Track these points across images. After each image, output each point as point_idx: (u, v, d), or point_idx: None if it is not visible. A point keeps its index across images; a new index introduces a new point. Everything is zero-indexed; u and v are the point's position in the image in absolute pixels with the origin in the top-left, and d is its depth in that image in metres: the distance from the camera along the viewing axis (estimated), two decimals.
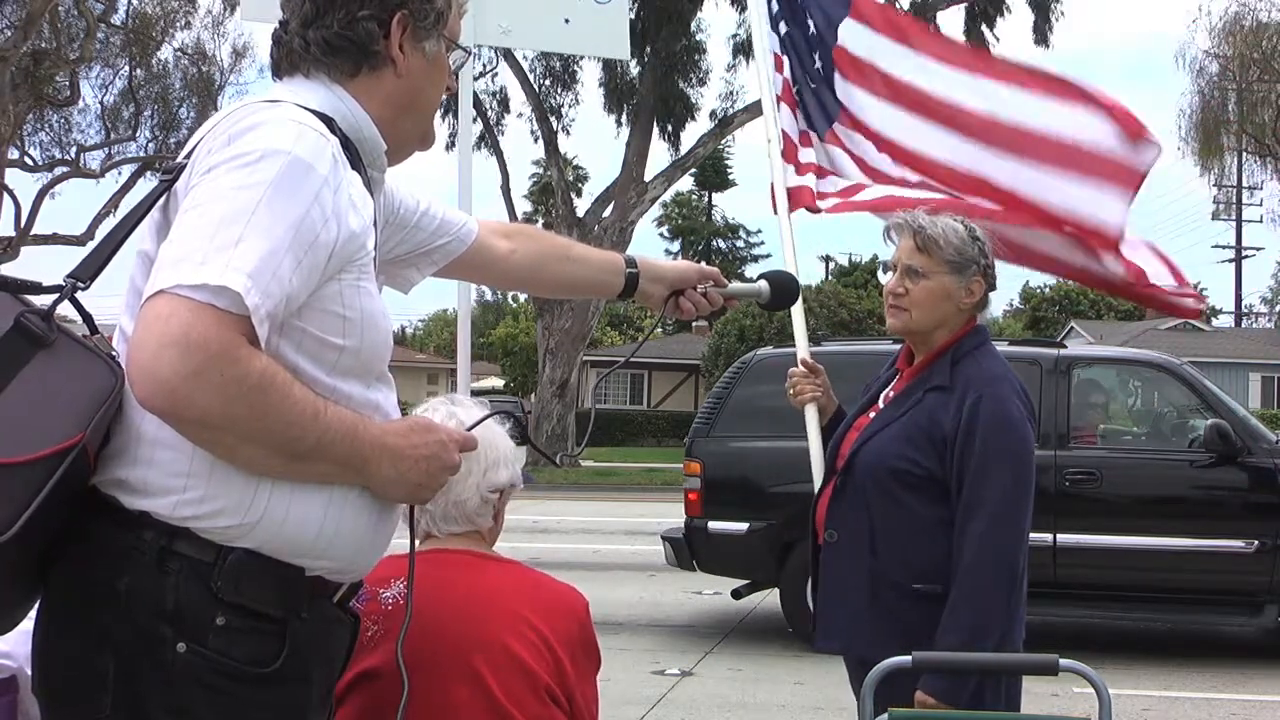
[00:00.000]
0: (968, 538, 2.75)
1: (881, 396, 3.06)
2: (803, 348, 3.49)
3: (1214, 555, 7.62)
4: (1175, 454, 8.09)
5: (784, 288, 2.58)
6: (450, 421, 2.06)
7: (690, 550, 8.31)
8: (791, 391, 3.33)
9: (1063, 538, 7.61)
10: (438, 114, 1.97)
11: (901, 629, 2.77)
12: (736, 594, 8.62)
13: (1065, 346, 8.81)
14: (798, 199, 3.88)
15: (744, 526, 8.02)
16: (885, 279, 3.05)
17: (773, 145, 3.87)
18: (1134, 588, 7.74)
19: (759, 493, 8.04)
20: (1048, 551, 7.55)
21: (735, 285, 2.52)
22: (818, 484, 3.15)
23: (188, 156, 1.66)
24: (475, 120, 28.72)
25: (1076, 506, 7.67)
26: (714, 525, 8.15)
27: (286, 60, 1.80)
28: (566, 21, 3.98)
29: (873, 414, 3.02)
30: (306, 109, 1.69)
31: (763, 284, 2.57)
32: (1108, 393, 9.20)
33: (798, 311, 3.49)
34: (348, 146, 1.73)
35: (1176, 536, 7.63)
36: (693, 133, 29.24)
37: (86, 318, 1.69)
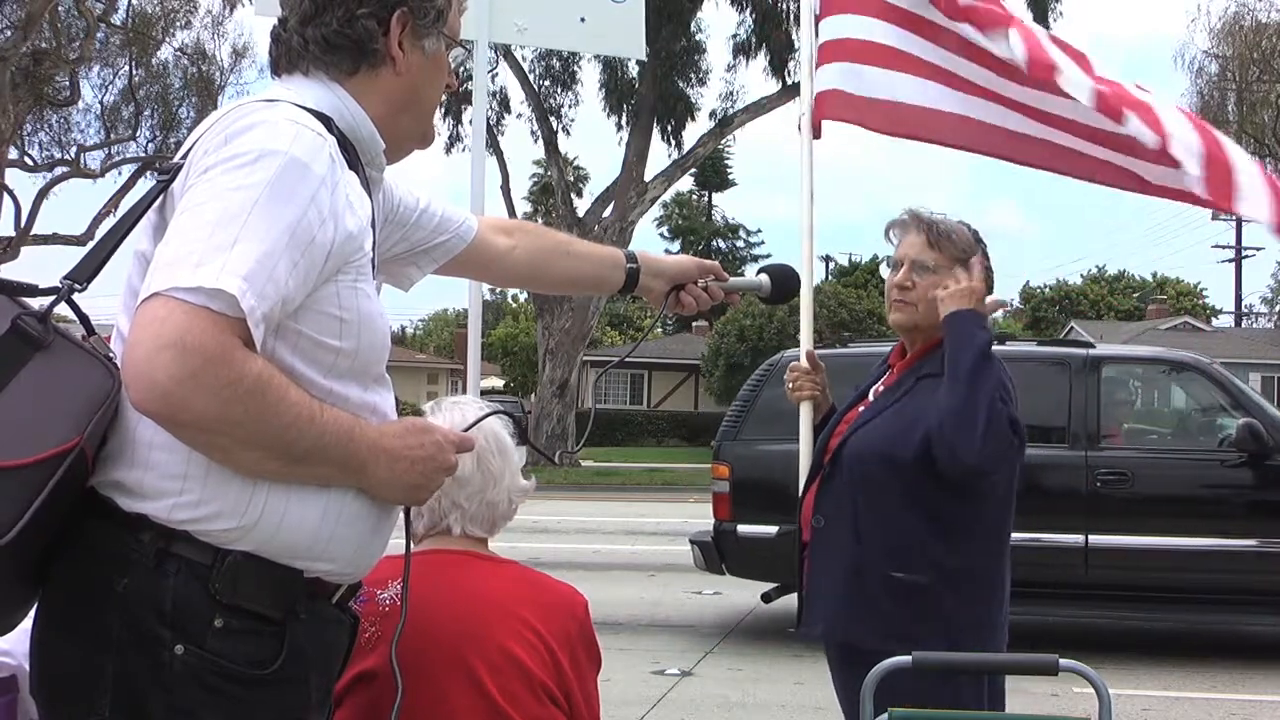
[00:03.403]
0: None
1: (871, 391, 3.07)
2: (807, 341, 3.48)
3: (1246, 555, 7.58)
4: (1206, 454, 8.07)
5: (784, 281, 2.58)
6: (448, 423, 2.06)
7: (719, 554, 8.22)
8: (790, 386, 3.33)
9: (1094, 539, 7.59)
10: (437, 113, 1.96)
11: (881, 616, 2.79)
12: (766, 598, 8.50)
13: (1094, 346, 8.76)
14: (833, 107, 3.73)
15: (774, 530, 7.86)
16: (888, 275, 3.04)
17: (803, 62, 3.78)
18: (1165, 589, 7.67)
19: (788, 495, 7.98)
20: (1079, 553, 7.55)
21: (736, 279, 2.52)
22: (803, 481, 3.15)
23: (184, 156, 1.66)
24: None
25: (1107, 507, 7.64)
26: (743, 529, 8.05)
27: (285, 58, 1.79)
28: (582, 20, 3.98)
29: (862, 408, 3.03)
30: (304, 108, 1.68)
31: (763, 278, 2.57)
32: (1138, 392, 9.16)
33: (805, 305, 3.47)
34: (345, 145, 1.73)
35: (1208, 536, 7.59)
36: (693, 133, 29.30)
37: (83, 319, 1.68)
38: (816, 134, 3.76)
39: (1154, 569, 7.65)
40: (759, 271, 2.59)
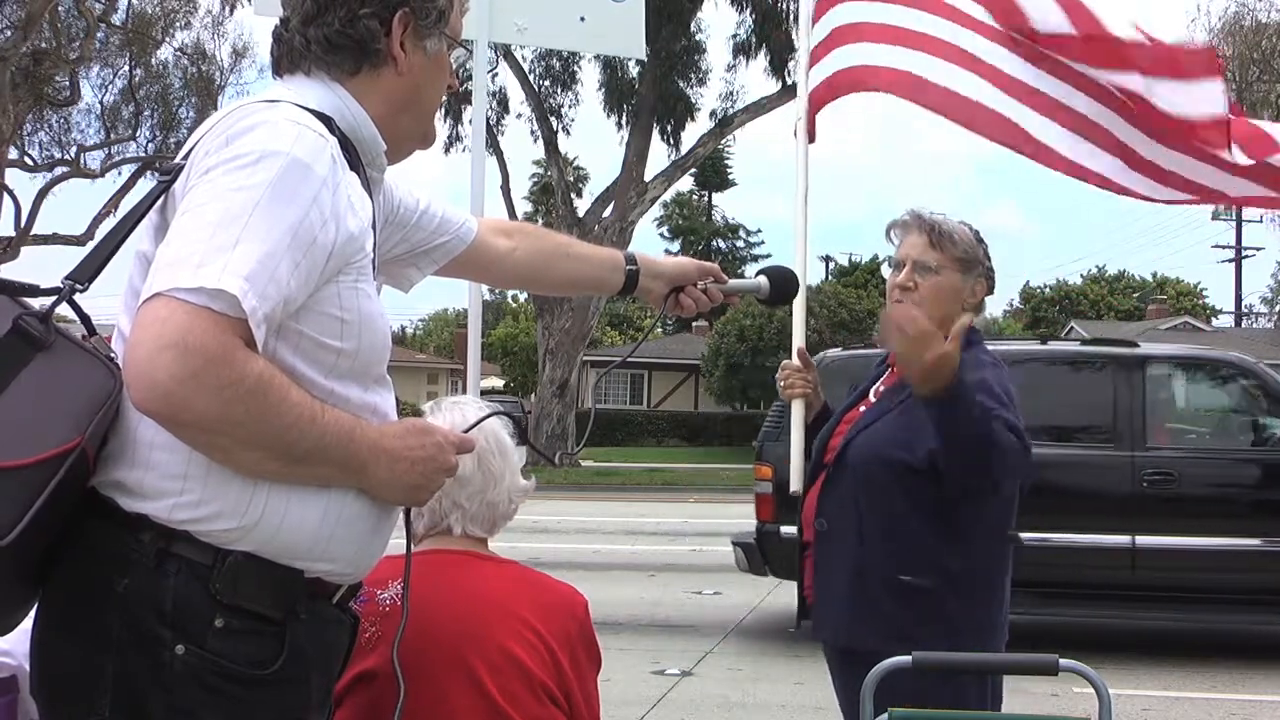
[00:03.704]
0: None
1: (871, 391, 3.06)
2: (799, 339, 3.48)
3: None
4: (1253, 453, 8.07)
5: (784, 283, 2.58)
6: (448, 423, 2.06)
7: (762, 555, 8.19)
8: (782, 384, 3.33)
9: (1141, 540, 7.58)
10: (437, 113, 1.97)
11: (886, 619, 2.78)
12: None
13: (1138, 345, 8.74)
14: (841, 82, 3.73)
15: None
16: (889, 275, 3.04)
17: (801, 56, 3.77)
18: (1213, 590, 7.64)
19: None
20: (1126, 554, 7.56)
21: (735, 281, 2.52)
22: (796, 481, 3.14)
23: (186, 157, 1.66)
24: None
25: (1154, 508, 7.63)
26: (786, 530, 8.03)
27: (287, 58, 1.79)
28: (582, 19, 3.98)
29: (863, 408, 3.02)
30: (305, 108, 1.68)
31: (762, 279, 2.56)
32: (1183, 392, 9.13)
33: (799, 305, 3.47)
34: (346, 146, 1.73)
35: (1254, 537, 7.57)
36: (693, 133, 29.33)
37: (84, 319, 1.68)
38: (811, 138, 3.77)
39: (1200, 570, 7.62)
40: (758, 273, 2.59)
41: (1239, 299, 51.55)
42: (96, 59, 29.84)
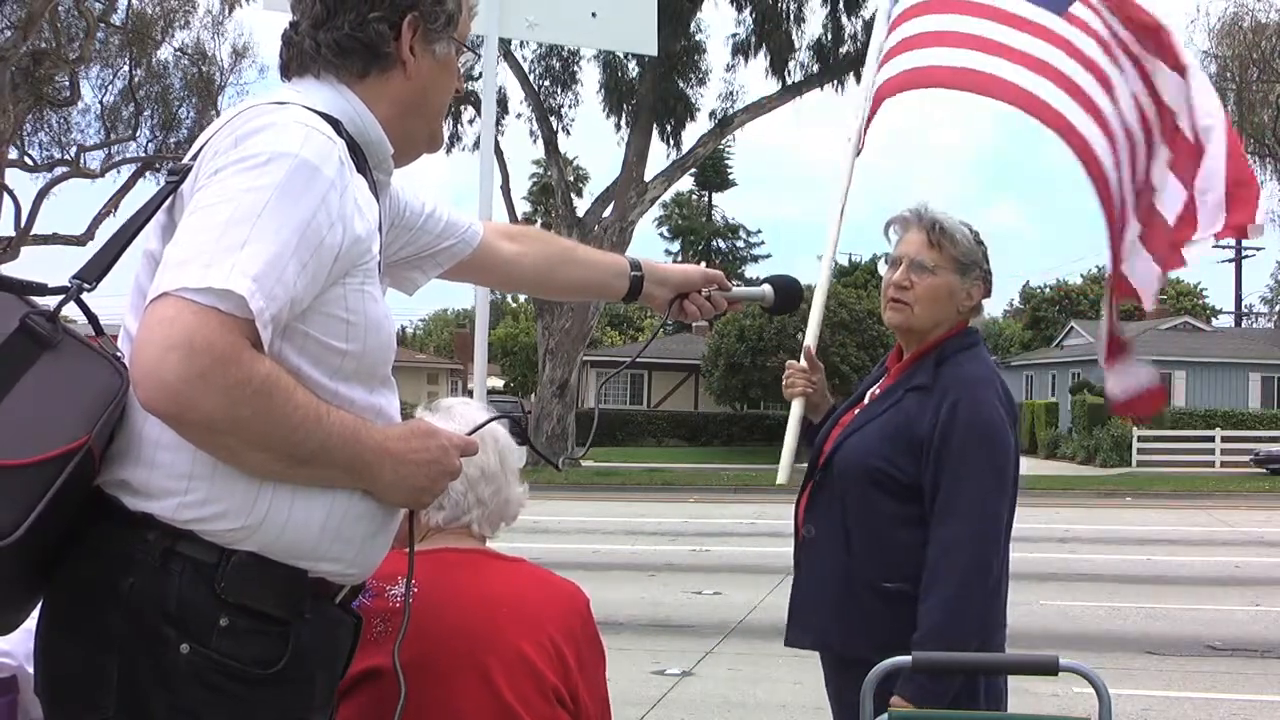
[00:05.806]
0: (943, 541, 2.70)
1: (867, 394, 3.04)
2: (811, 339, 3.48)
3: None
4: None
5: (788, 291, 2.56)
6: (450, 425, 2.07)
7: None
8: (785, 382, 3.32)
9: None
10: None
11: (875, 627, 2.76)
12: None
13: None
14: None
15: None
16: (885, 273, 3.01)
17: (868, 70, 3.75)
18: None
19: None
20: None
21: (739, 289, 2.50)
22: (783, 474, 3.12)
23: (194, 157, 1.67)
24: (474, 121, 28.85)
25: None
26: None
27: (296, 61, 1.79)
28: (594, 15, 3.94)
29: (857, 411, 3.00)
30: (313, 111, 1.69)
31: (767, 288, 2.54)
32: None
33: (817, 303, 3.45)
34: (354, 149, 1.73)
35: None
36: (693, 133, 29.35)
37: (92, 319, 1.69)
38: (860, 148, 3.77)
39: None
40: (763, 282, 2.57)
41: (1239, 299, 51.61)
42: (96, 59, 29.88)
